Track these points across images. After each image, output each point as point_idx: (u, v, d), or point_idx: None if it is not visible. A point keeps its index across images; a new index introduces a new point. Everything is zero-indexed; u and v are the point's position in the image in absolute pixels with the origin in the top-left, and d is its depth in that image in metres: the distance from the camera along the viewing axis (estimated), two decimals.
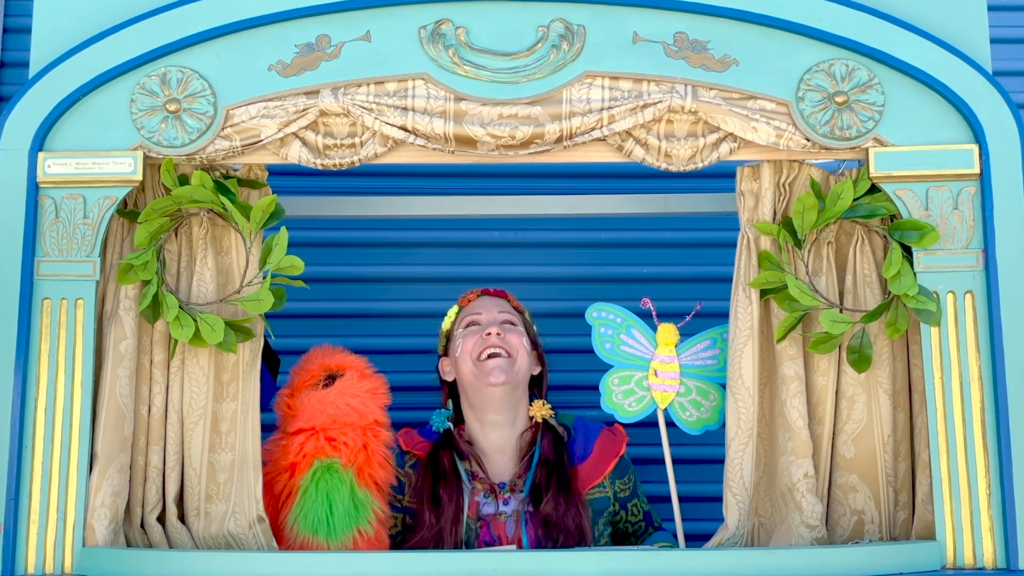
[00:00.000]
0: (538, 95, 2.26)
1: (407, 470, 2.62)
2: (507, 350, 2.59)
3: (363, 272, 3.32)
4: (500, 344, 2.59)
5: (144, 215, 2.26)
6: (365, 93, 2.27)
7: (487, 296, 2.72)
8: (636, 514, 2.67)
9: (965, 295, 2.21)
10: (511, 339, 2.61)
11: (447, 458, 2.59)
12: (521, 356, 2.61)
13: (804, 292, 2.24)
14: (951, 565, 2.14)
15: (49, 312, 2.21)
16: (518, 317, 2.68)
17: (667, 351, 2.43)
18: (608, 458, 2.62)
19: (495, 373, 2.57)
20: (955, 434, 2.17)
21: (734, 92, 2.27)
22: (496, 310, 2.66)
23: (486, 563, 2.01)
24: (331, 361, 2.44)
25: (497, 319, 2.64)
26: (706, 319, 2.44)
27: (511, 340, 2.60)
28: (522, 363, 2.61)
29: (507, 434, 2.63)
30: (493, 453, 2.63)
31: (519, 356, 2.60)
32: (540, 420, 2.61)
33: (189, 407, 2.29)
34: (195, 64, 2.28)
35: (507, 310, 2.68)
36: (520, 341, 2.62)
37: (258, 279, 2.29)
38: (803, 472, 2.24)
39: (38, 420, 2.18)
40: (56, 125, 2.26)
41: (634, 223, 3.19)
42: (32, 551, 2.14)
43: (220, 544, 2.26)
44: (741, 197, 2.34)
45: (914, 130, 2.25)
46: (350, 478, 2.35)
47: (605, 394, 2.42)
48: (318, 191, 2.95)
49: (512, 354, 2.59)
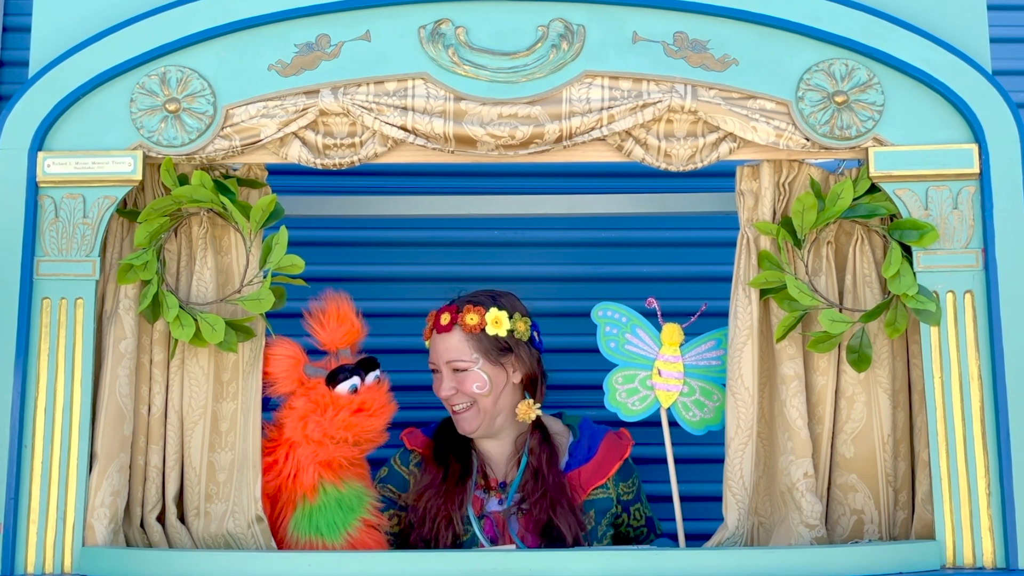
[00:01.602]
0: (538, 95, 2.26)
1: (411, 468, 2.63)
2: (464, 402, 2.55)
3: (363, 272, 3.32)
4: (456, 401, 2.55)
5: (144, 215, 2.26)
6: (365, 93, 2.27)
7: (435, 334, 2.57)
8: (638, 519, 2.66)
9: (965, 295, 2.21)
10: (464, 388, 2.53)
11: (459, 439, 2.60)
12: (480, 400, 2.54)
13: (804, 292, 2.24)
14: (951, 565, 2.14)
15: (49, 312, 2.21)
16: (471, 345, 2.53)
17: (671, 351, 2.43)
18: (612, 460, 2.61)
19: (462, 425, 2.57)
20: (955, 434, 2.17)
21: (734, 92, 2.27)
22: (444, 359, 2.55)
23: (486, 563, 2.01)
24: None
25: (447, 369, 2.55)
26: (706, 319, 2.44)
27: (464, 389, 2.53)
28: (485, 404, 2.55)
29: (498, 444, 2.63)
30: (491, 453, 2.63)
31: (478, 401, 2.54)
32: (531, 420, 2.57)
33: (189, 407, 2.29)
34: (195, 64, 2.28)
35: (455, 354, 2.54)
36: (471, 388, 2.52)
37: (258, 278, 2.29)
38: (803, 472, 2.24)
39: (38, 420, 2.18)
40: (56, 125, 2.26)
41: (634, 223, 3.19)
42: (32, 551, 2.14)
43: (219, 544, 2.26)
44: (741, 197, 2.34)
45: (914, 130, 2.25)
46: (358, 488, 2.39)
47: (609, 393, 2.42)
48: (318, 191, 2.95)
49: (474, 400, 2.54)
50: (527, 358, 2.58)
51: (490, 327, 2.54)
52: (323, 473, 2.34)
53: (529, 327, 2.59)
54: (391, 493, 2.60)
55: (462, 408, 2.55)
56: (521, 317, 2.58)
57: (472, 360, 2.53)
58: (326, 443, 2.32)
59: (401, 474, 2.62)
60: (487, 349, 2.54)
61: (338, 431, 2.33)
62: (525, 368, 2.57)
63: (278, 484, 2.33)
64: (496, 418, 2.57)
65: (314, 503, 2.33)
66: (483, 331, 2.54)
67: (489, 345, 2.54)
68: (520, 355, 2.57)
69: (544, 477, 2.53)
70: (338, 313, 2.40)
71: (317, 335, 2.40)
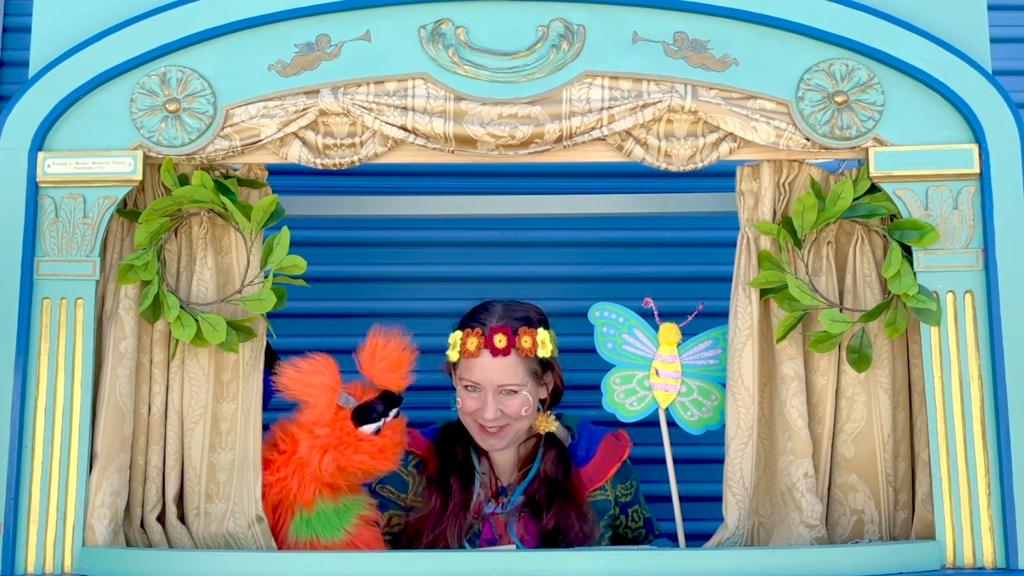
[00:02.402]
0: (538, 95, 2.26)
1: (410, 469, 2.62)
2: (505, 422, 2.51)
3: (363, 272, 3.32)
4: (496, 423, 2.50)
5: (144, 215, 2.26)
6: (365, 93, 2.28)
7: (488, 355, 2.47)
8: (637, 520, 2.66)
9: (965, 295, 2.21)
10: (508, 409, 2.48)
11: (460, 446, 2.60)
12: (519, 421, 2.52)
13: (804, 292, 2.24)
14: (951, 565, 2.14)
15: (49, 312, 2.21)
16: (524, 368, 2.48)
17: (669, 351, 2.43)
18: (611, 462, 2.61)
19: (490, 442, 2.54)
20: (955, 434, 2.17)
21: (734, 92, 2.27)
22: (498, 380, 2.47)
23: (486, 563, 2.01)
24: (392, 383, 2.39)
25: (494, 394, 2.48)
26: (706, 319, 2.44)
27: (508, 411, 2.49)
28: (520, 426, 2.53)
29: (505, 453, 2.62)
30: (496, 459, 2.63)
31: (516, 421, 2.52)
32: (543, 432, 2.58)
33: (189, 407, 2.29)
34: (195, 64, 2.28)
35: (508, 379, 2.47)
36: (519, 409, 2.49)
37: (259, 279, 2.29)
38: (803, 472, 2.24)
39: (38, 420, 2.18)
40: (56, 125, 2.26)
41: (634, 223, 3.19)
42: (32, 551, 2.14)
43: (220, 544, 2.26)
44: (741, 197, 2.34)
45: (914, 130, 2.25)
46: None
47: (607, 393, 2.42)
48: (318, 191, 2.95)
49: (509, 423, 2.51)
50: (559, 374, 2.59)
51: (540, 349, 2.50)
52: (323, 491, 2.35)
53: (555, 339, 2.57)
54: (390, 494, 2.60)
55: (497, 428, 2.52)
56: (548, 329, 2.55)
57: (523, 384, 2.49)
58: (336, 475, 2.34)
59: (400, 475, 2.62)
60: (535, 371, 2.52)
61: (351, 467, 2.34)
62: (554, 383, 2.58)
63: (280, 498, 2.34)
64: (521, 434, 2.57)
65: (311, 513, 2.34)
66: (535, 354, 2.50)
67: (536, 366, 2.52)
68: (556, 370, 2.58)
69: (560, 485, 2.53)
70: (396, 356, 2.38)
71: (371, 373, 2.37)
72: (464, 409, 2.53)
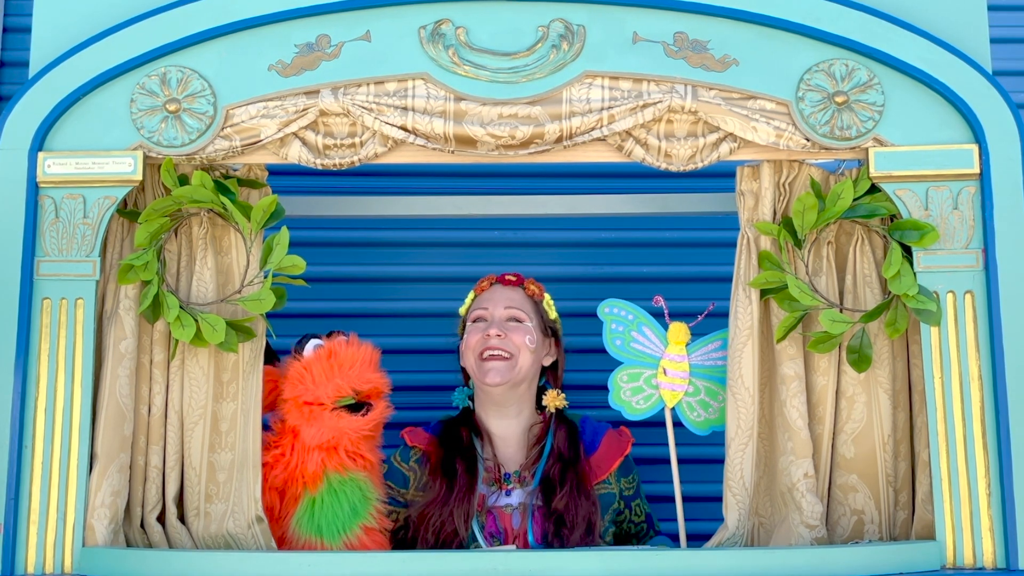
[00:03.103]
0: (538, 95, 2.26)
1: (411, 464, 2.63)
2: (507, 351, 2.56)
3: (363, 272, 3.32)
4: (499, 346, 2.56)
5: (144, 215, 2.26)
6: (365, 93, 2.28)
7: (499, 285, 2.66)
8: (639, 515, 2.67)
9: (965, 295, 2.21)
10: (513, 338, 2.56)
11: (464, 433, 2.60)
12: (523, 355, 2.57)
13: (804, 292, 2.24)
14: (951, 565, 2.14)
15: (49, 312, 2.21)
16: (531, 307, 2.63)
17: (677, 350, 2.43)
18: (614, 455, 2.62)
19: (491, 375, 2.55)
20: (955, 434, 2.17)
21: (734, 92, 2.27)
22: (503, 304, 2.61)
23: (486, 563, 2.01)
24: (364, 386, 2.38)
25: (502, 316, 2.60)
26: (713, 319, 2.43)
27: (513, 339, 2.56)
28: (524, 362, 2.57)
29: (511, 425, 2.62)
30: (500, 440, 2.63)
31: (520, 355, 2.56)
32: (552, 411, 2.59)
33: (189, 407, 2.29)
34: (195, 64, 2.28)
35: (516, 304, 2.61)
36: (523, 340, 2.56)
37: (259, 279, 2.29)
38: (803, 472, 2.24)
39: (38, 420, 2.18)
40: (56, 125, 2.26)
41: (634, 223, 3.19)
42: (32, 551, 2.14)
43: (219, 544, 2.26)
44: (741, 197, 2.34)
45: (914, 130, 2.26)
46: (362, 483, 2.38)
47: (613, 390, 2.42)
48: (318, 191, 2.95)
49: (513, 354, 2.56)
50: (560, 346, 2.68)
51: (546, 304, 2.67)
52: (327, 461, 2.33)
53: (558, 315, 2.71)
54: (391, 489, 2.60)
55: (501, 355, 2.56)
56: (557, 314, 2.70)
57: (529, 316, 2.62)
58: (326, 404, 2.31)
59: (401, 471, 2.62)
60: (541, 318, 2.65)
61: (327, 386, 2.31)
62: (556, 354, 2.66)
63: (286, 477, 2.33)
64: (520, 384, 2.59)
65: (315, 494, 2.32)
66: (542, 303, 2.66)
67: (543, 317, 2.65)
68: (560, 341, 2.68)
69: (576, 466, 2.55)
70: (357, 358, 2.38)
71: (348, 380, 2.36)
72: (468, 344, 2.60)
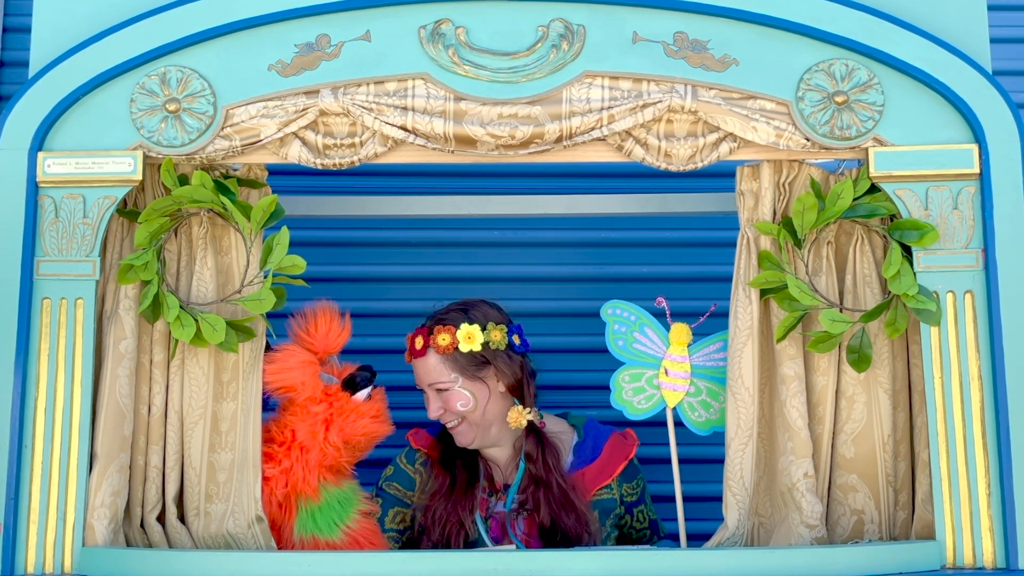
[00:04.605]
0: (538, 95, 2.26)
1: (417, 467, 2.63)
2: (455, 416, 2.54)
3: (363, 272, 3.32)
4: (447, 418, 2.55)
5: (144, 215, 2.26)
6: (365, 93, 2.27)
7: (416, 360, 2.56)
8: (642, 521, 2.66)
9: (965, 295, 2.21)
10: (451, 406, 2.53)
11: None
12: (473, 411, 2.53)
13: (804, 292, 2.24)
14: (951, 565, 2.14)
15: (49, 312, 2.21)
16: (448, 365, 2.52)
17: (679, 350, 2.43)
18: (617, 461, 2.61)
19: (458, 439, 2.57)
20: (955, 434, 2.17)
21: (734, 92, 2.27)
22: (426, 381, 2.55)
23: (486, 563, 2.01)
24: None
25: (432, 393, 2.55)
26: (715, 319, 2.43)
27: (451, 408, 2.53)
28: (475, 416, 2.53)
29: (498, 451, 2.63)
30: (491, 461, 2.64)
31: (470, 412, 2.53)
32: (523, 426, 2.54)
33: (189, 407, 2.29)
34: (195, 64, 2.28)
35: (433, 375, 2.53)
36: (457, 404, 2.52)
37: (259, 279, 2.29)
38: (803, 472, 2.24)
39: (38, 420, 2.18)
40: (56, 125, 2.26)
41: (634, 223, 3.19)
42: (32, 551, 2.14)
43: (219, 544, 2.26)
44: (741, 197, 2.34)
45: (914, 130, 2.25)
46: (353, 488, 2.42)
47: (615, 390, 2.42)
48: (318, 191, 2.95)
49: (464, 416, 2.54)
50: (507, 367, 2.54)
51: (463, 344, 2.51)
52: (325, 475, 2.36)
53: (506, 333, 2.54)
54: (397, 491, 2.61)
55: (453, 424, 2.56)
56: (496, 326, 2.54)
57: (452, 380, 2.52)
58: (341, 448, 2.36)
59: (407, 473, 2.63)
60: (463, 367, 2.52)
61: (356, 436, 2.37)
62: (507, 377, 2.54)
63: (287, 491, 2.34)
64: (490, 429, 2.57)
65: (318, 503, 2.34)
66: (457, 350, 2.52)
67: (465, 362, 2.52)
68: (499, 366, 2.54)
69: (545, 481, 2.53)
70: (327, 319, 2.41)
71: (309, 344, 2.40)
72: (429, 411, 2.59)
